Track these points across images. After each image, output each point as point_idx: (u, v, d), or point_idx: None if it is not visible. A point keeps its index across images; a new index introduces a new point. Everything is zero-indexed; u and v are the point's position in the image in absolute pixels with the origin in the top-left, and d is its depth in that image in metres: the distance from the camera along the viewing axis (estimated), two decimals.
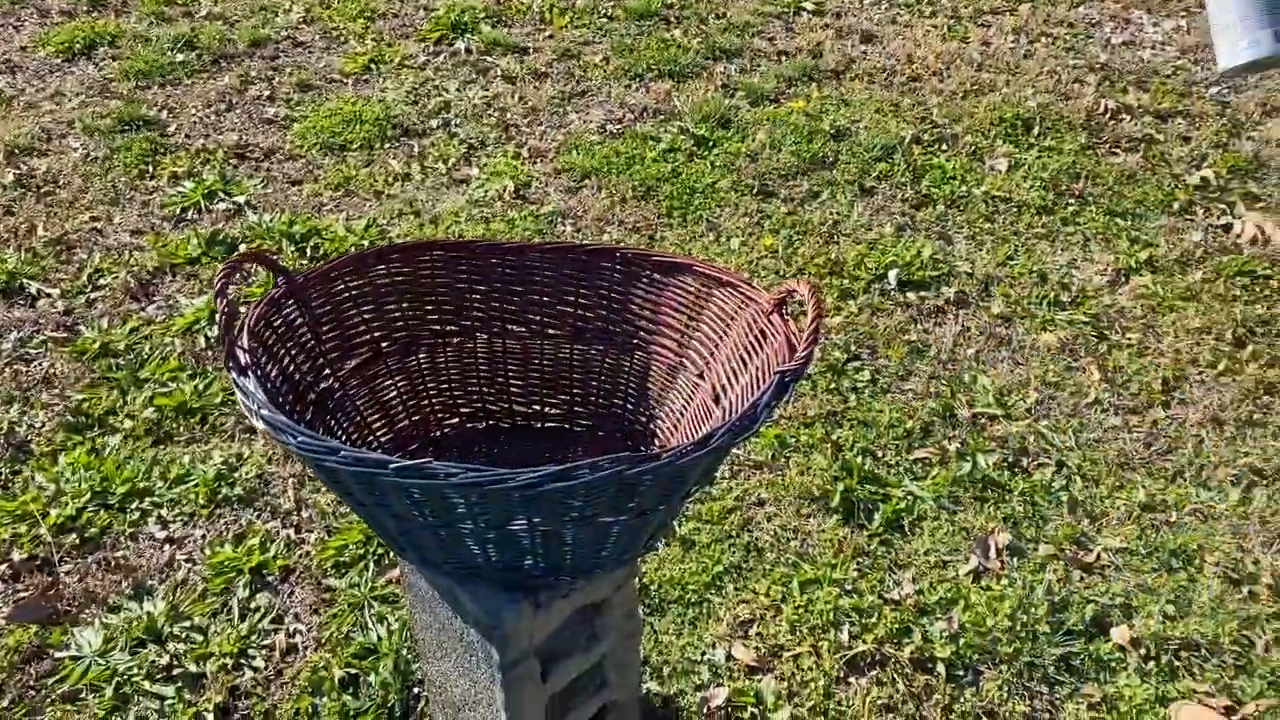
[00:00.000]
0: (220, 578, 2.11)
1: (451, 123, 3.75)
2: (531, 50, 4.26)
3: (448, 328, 1.69)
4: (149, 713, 1.88)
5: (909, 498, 2.33)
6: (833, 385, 2.63)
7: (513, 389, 1.74)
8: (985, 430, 2.52)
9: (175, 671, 1.95)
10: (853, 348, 2.76)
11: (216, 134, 3.64)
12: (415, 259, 1.64)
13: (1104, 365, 2.72)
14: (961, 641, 2.03)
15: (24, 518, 2.23)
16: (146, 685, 1.92)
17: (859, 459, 2.41)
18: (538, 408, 1.75)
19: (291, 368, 1.52)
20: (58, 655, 1.97)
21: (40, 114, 3.76)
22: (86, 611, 2.06)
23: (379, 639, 2.01)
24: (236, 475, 2.36)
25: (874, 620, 2.07)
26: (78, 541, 2.19)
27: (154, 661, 1.96)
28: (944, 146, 3.68)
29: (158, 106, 3.82)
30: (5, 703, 1.89)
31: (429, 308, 1.67)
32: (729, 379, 1.55)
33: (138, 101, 3.83)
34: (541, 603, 1.50)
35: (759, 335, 1.52)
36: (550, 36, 4.39)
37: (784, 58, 4.29)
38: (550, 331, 1.70)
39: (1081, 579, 2.16)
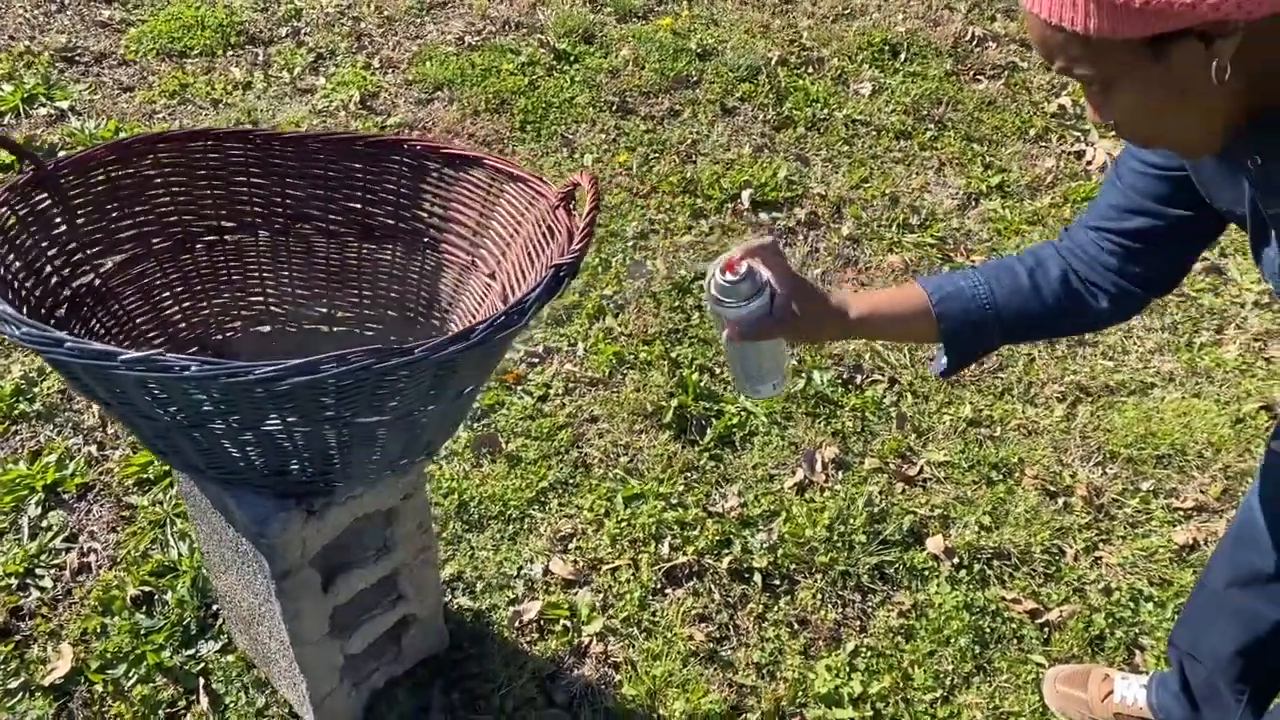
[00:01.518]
0: (10, 496, 2.00)
1: (301, 31, 3.57)
2: None
3: (225, 224, 1.59)
4: None
5: (742, 414, 2.32)
6: (677, 304, 2.59)
7: (299, 291, 1.65)
8: (823, 349, 2.51)
9: None
10: (699, 266, 2.72)
11: (43, 35, 3.40)
12: (187, 147, 1.53)
13: None
14: (780, 552, 2.02)
15: None
16: None
17: (695, 376, 2.38)
18: (325, 310, 1.66)
19: (40, 261, 1.41)
20: None
21: None
22: None
23: (179, 556, 1.92)
24: (36, 390, 2.22)
25: (696, 533, 2.05)
26: None
27: None
28: (810, 69, 3.63)
29: None
30: None
31: (205, 201, 1.57)
32: (519, 278, 1.49)
33: None
34: (315, 510, 1.43)
35: (546, 231, 1.45)
36: None
37: None
38: (335, 229, 1.61)
39: (903, 491, 2.18)
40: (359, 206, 1.60)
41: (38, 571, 1.89)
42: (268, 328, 1.67)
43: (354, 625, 1.63)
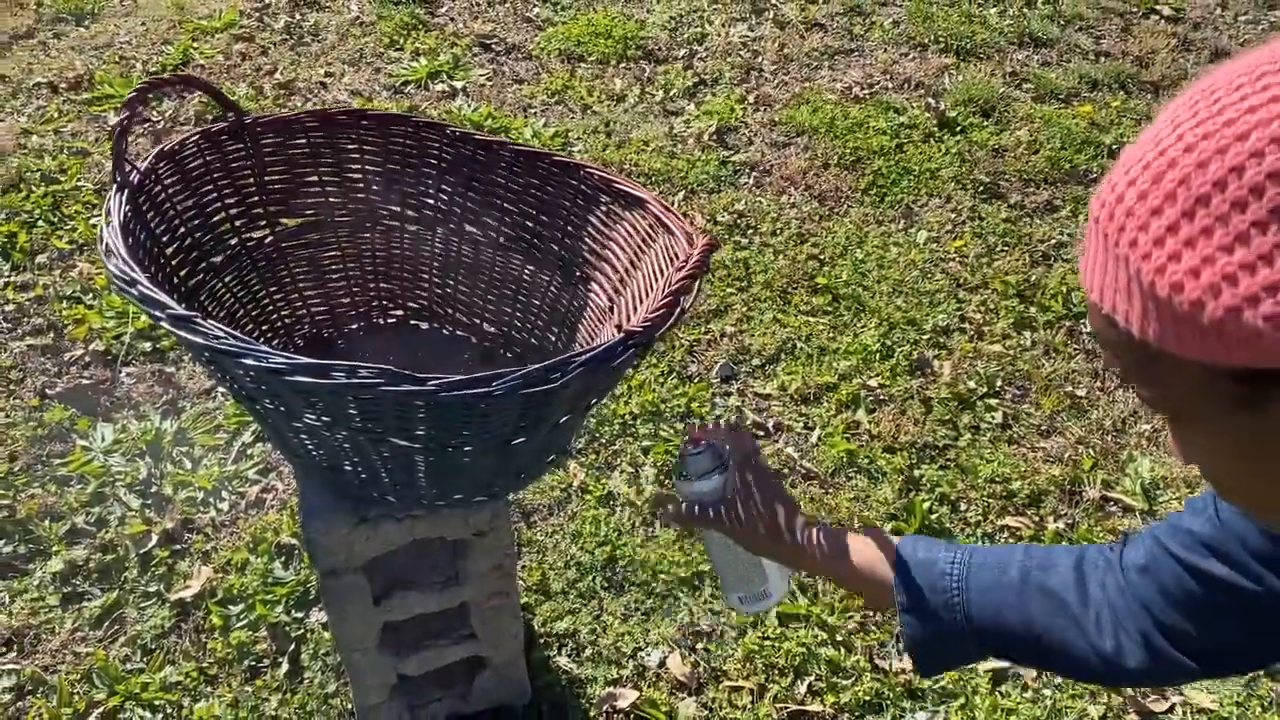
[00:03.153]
0: (237, 419, 2.15)
1: (696, 55, 3.58)
2: None
3: (408, 212, 1.56)
4: (110, 517, 1.95)
5: None
6: (949, 416, 2.24)
7: (459, 294, 1.59)
8: (1108, 519, 2.05)
9: (151, 488, 2.01)
10: (998, 383, 2.34)
11: (474, 21, 3.71)
12: (388, 130, 1.53)
13: None
14: None
15: (120, 316, 2.38)
16: (122, 493, 1.99)
17: (932, 505, 2.04)
18: (477, 321, 1.59)
19: (214, 206, 1.46)
20: (77, 441, 2.10)
21: None
22: (120, 413, 2.17)
23: None
24: None
25: (847, 683, 1.74)
26: (149, 349, 2.32)
27: (138, 474, 2.03)
28: None
29: None
30: (16, 467, 2.04)
31: (394, 185, 1.56)
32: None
33: None
34: (370, 518, 1.36)
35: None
36: None
37: (1102, 59, 3.71)
38: (505, 242, 1.53)
39: None
40: (531, 225, 1.51)
41: (223, 494, 2.01)
42: (426, 325, 1.63)
43: (413, 647, 1.55)
